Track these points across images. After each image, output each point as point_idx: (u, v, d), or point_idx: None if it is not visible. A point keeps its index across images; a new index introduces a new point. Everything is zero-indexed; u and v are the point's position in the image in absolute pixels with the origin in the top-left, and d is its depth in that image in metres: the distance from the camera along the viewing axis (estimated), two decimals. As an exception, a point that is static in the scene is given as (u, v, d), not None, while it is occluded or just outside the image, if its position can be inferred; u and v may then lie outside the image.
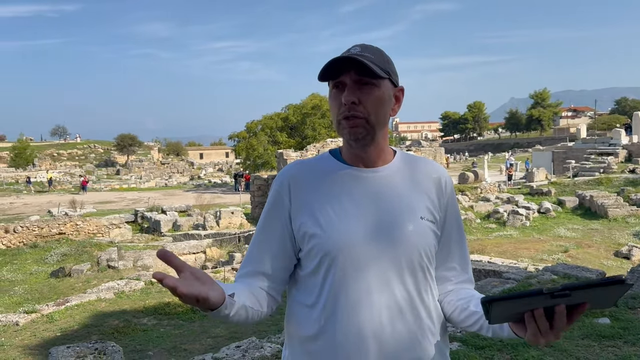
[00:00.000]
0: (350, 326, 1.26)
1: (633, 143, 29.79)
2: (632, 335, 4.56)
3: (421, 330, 1.31)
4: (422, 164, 1.42)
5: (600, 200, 18.71)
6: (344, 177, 1.34)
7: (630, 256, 13.75)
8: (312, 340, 1.31)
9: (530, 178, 25.72)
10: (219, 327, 7.25)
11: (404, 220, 1.30)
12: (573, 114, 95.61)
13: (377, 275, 1.27)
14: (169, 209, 20.81)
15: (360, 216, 1.29)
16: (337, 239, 1.27)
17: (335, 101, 1.31)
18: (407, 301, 1.29)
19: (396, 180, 1.35)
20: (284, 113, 34.64)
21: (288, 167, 1.41)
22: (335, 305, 1.27)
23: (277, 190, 1.37)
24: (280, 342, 4.67)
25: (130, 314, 7.84)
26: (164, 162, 63.73)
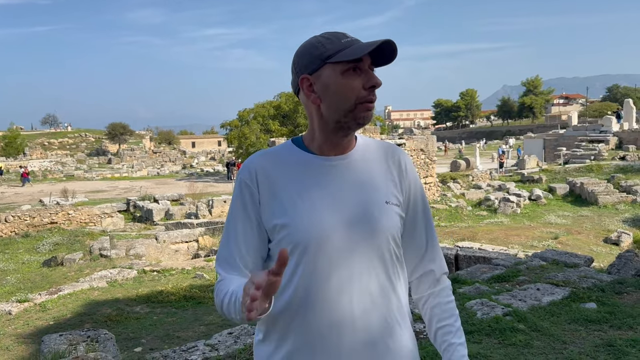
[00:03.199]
0: (323, 316, 1.27)
1: (624, 130, 29.99)
2: (618, 319, 4.64)
3: (393, 316, 1.33)
4: (383, 148, 1.43)
5: (590, 187, 18.88)
6: (312, 166, 1.34)
7: (620, 242, 13.93)
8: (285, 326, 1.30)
9: (522, 165, 25.87)
10: (211, 315, 7.30)
11: (372, 207, 1.32)
12: (565, 102, 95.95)
13: (350, 265, 1.28)
14: (161, 197, 20.77)
15: (329, 205, 1.30)
16: (308, 229, 1.27)
17: (354, 82, 1.28)
18: (379, 289, 1.31)
19: (362, 166, 1.36)
20: (276, 101, 34.50)
21: (253, 157, 1.39)
22: (308, 296, 1.28)
23: (244, 180, 1.35)
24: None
25: (123, 302, 7.87)
26: (156, 150, 63.46)
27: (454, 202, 18.45)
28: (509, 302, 5.05)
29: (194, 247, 12.99)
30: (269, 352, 1.34)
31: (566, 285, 5.55)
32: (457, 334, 1.39)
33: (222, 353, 4.14)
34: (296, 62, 1.35)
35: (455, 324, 1.40)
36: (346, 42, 1.29)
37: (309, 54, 1.31)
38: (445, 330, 1.39)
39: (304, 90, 1.34)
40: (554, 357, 3.91)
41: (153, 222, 17.71)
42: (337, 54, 1.27)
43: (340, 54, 1.27)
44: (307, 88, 1.33)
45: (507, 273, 6.31)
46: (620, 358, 3.86)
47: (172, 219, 18.12)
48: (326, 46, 1.29)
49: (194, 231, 13.48)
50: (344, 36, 1.31)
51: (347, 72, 1.28)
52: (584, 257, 7.04)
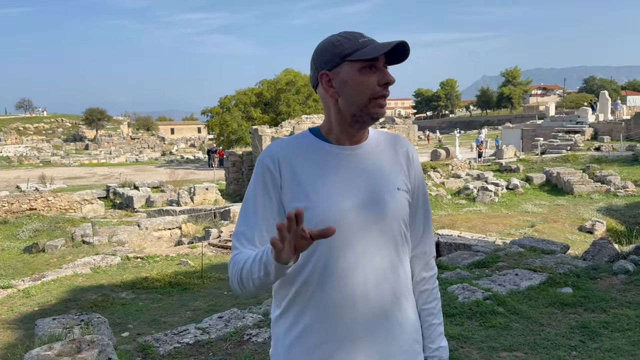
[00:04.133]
0: (340, 290, 1.39)
1: (599, 121, 30.63)
2: (592, 303, 4.87)
3: (401, 290, 1.47)
4: (393, 139, 1.56)
5: (566, 177, 19.30)
6: (330, 155, 1.45)
7: (594, 231, 14.32)
8: (304, 301, 1.41)
9: (500, 155, 26.26)
10: (197, 301, 7.38)
11: (385, 193, 1.45)
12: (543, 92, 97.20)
13: (364, 244, 1.41)
14: (142, 184, 20.63)
15: (346, 190, 1.42)
16: (327, 211, 1.38)
17: (370, 79, 1.39)
18: (390, 265, 1.44)
19: (375, 156, 1.49)
20: (258, 88, 34.34)
21: (275, 144, 1.50)
22: (325, 271, 1.39)
23: (267, 164, 1.44)
24: (262, 312, 4.83)
25: (108, 288, 7.90)
26: (134, 137, 62.69)
27: (434, 191, 18.70)
28: (489, 287, 5.24)
29: (177, 234, 13.00)
30: (288, 326, 1.45)
31: (543, 271, 5.77)
32: (437, 315, 1.59)
33: (214, 336, 4.24)
34: (316, 58, 1.45)
35: (436, 307, 1.59)
36: (363, 42, 1.40)
37: (328, 52, 1.42)
38: (428, 312, 1.57)
39: (323, 85, 1.44)
40: (531, 339, 4.11)
41: (134, 209, 17.61)
42: (355, 53, 1.39)
43: (358, 52, 1.38)
44: (326, 83, 1.44)
45: (487, 259, 6.52)
46: (594, 338, 4.08)
47: (153, 206, 18.04)
48: (344, 45, 1.40)
49: (176, 218, 13.49)
50: (361, 36, 1.42)
51: (364, 70, 1.39)
52: (560, 245, 7.28)
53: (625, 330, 4.20)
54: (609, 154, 23.33)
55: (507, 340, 4.07)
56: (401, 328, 1.47)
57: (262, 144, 19.57)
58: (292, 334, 1.44)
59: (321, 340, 1.41)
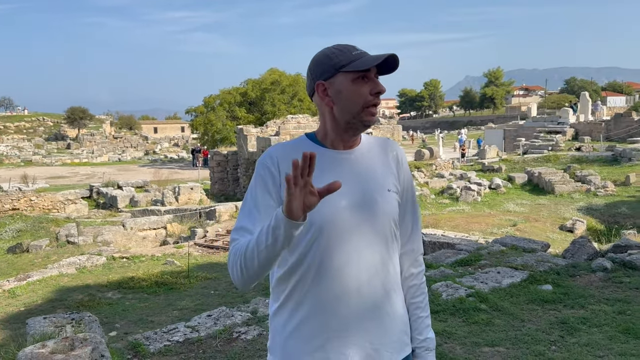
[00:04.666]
0: (334, 284, 1.49)
1: (580, 122, 31.17)
2: (571, 299, 5.02)
3: (391, 285, 1.58)
4: (383, 143, 1.67)
5: (547, 177, 19.63)
6: (325, 158, 1.55)
7: (574, 229, 14.61)
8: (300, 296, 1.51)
9: (483, 155, 26.60)
10: (184, 300, 7.41)
11: (377, 194, 1.55)
12: (525, 93, 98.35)
13: (357, 241, 1.51)
14: (125, 184, 20.53)
15: (342, 192, 1.48)
16: (323, 211, 1.47)
17: (363, 89, 1.51)
18: (381, 262, 1.55)
19: (367, 159, 1.59)
20: (243, 88, 34.26)
21: (274, 147, 1.60)
22: (321, 266, 1.49)
23: (267, 165, 1.54)
24: (250, 310, 4.90)
25: (94, 288, 7.89)
26: (117, 136, 62.12)
27: (418, 191, 18.89)
28: (471, 284, 5.38)
29: (162, 234, 12.99)
30: (285, 319, 1.55)
31: (524, 269, 5.92)
32: (424, 309, 1.69)
33: (203, 334, 4.31)
34: (312, 69, 1.56)
35: (424, 301, 1.70)
36: (356, 55, 1.51)
37: (324, 63, 1.53)
38: (416, 306, 1.68)
39: (319, 94, 1.55)
40: (513, 334, 4.24)
41: (118, 209, 17.53)
42: (349, 64, 1.50)
43: (352, 64, 1.50)
44: (321, 92, 1.54)
45: (470, 257, 6.67)
46: (572, 334, 4.22)
47: (137, 206, 17.97)
48: (339, 57, 1.51)
49: (161, 218, 13.47)
50: (354, 49, 1.54)
51: (357, 80, 1.51)
52: (541, 243, 7.46)
53: (603, 325, 4.36)
54: (590, 154, 23.76)
55: (489, 336, 4.20)
56: (391, 320, 1.57)
57: (247, 143, 19.58)
58: (290, 326, 1.53)
59: (317, 331, 1.50)
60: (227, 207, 14.51)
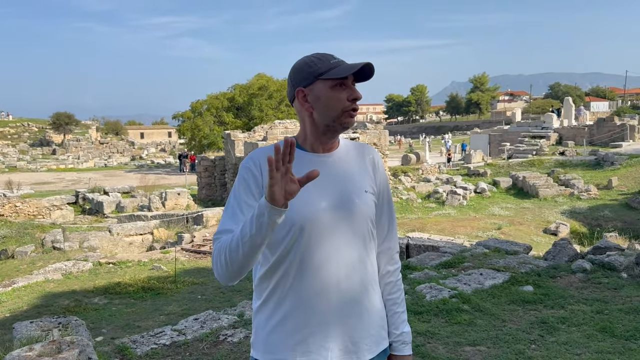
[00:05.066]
0: (315, 281, 1.57)
1: (563, 127, 31.58)
2: (551, 300, 5.14)
3: (369, 281, 1.66)
4: (360, 147, 1.77)
5: (532, 181, 19.88)
6: (306, 161, 1.63)
7: (558, 232, 14.83)
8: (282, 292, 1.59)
9: (468, 160, 26.86)
10: (171, 305, 7.43)
11: (355, 195, 1.63)
12: (510, 98, 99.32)
13: (336, 240, 1.59)
14: (112, 190, 20.44)
15: (321, 193, 1.60)
16: (303, 211, 1.56)
17: (341, 95, 1.59)
18: (359, 259, 1.63)
19: (345, 162, 1.68)
20: (230, 93, 34.25)
21: (257, 150, 1.68)
22: (302, 264, 1.57)
23: (250, 168, 1.62)
24: (237, 313, 4.95)
25: (80, 293, 7.88)
26: (103, 141, 61.68)
27: (405, 195, 19.04)
28: (455, 286, 5.48)
29: (149, 240, 12.96)
30: (268, 315, 1.62)
31: (506, 271, 6.03)
32: (401, 304, 1.78)
33: (190, 337, 4.35)
34: (292, 76, 1.65)
35: (400, 297, 1.78)
36: (334, 63, 1.60)
37: (304, 71, 1.61)
38: (393, 302, 1.76)
39: (299, 100, 1.64)
40: (494, 334, 4.34)
41: (104, 214, 17.44)
42: (328, 72, 1.59)
43: (330, 72, 1.58)
44: (301, 98, 1.63)
45: (454, 260, 6.77)
46: (552, 333, 4.33)
47: (123, 211, 17.89)
48: (318, 65, 1.59)
49: (148, 223, 13.44)
50: (332, 57, 1.63)
51: (335, 87, 1.59)
52: (523, 246, 7.59)
53: (581, 324, 4.47)
54: (573, 158, 24.10)
55: (471, 336, 4.29)
56: (369, 315, 1.65)
57: (234, 148, 19.60)
58: (272, 321, 1.61)
59: (299, 326, 1.58)
60: (214, 212, 14.52)
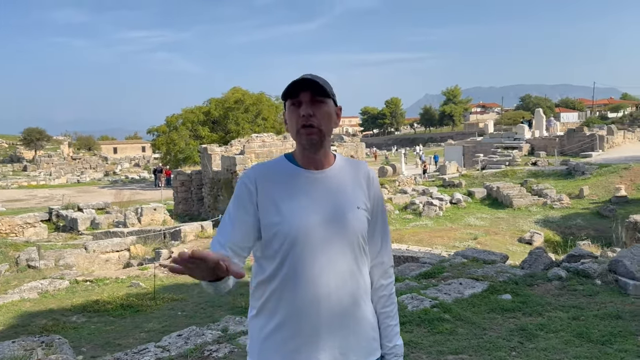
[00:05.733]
0: (307, 292, 1.63)
1: (535, 138, 32.27)
2: (529, 307, 5.27)
3: (359, 294, 1.72)
4: (355, 165, 1.84)
5: (505, 191, 20.24)
6: (300, 177, 1.70)
7: (532, 242, 15.11)
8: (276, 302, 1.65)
9: (443, 171, 27.21)
10: (151, 322, 7.35)
11: (347, 210, 1.70)
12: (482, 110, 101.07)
13: (328, 253, 1.65)
14: (86, 206, 20.15)
15: (314, 208, 1.66)
16: (297, 226, 1.63)
17: (294, 114, 1.67)
18: (350, 272, 1.69)
19: (339, 179, 1.74)
20: (206, 107, 34.12)
21: (253, 167, 1.76)
22: (295, 277, 1.63)
23: (246, 183, 1.69)
24: (221, 328, 4.95)
25: (58, 312, 7.74)
26: (75, 157, 60.68)
27: (382, 207, 19.19)
28: (435, 296, 5.57)
29: (126, 256, 12.79)
30: (262, 323, 1.69)
31: (485, 280, 6.16)
32: (394, 317, 1.84)
33: (174, 353, 4.33)
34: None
35: (393, 310, 1.84)
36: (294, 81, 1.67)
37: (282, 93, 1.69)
38: (386, 315, 1.82)
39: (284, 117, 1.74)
40: (475, 342, 4.43)
41: (79, 231, 17.16)
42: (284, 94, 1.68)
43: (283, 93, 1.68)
44: (284, 115, 1.73)
45: (433, 270, 6.87)
46: (531, 339, 4.44)
47: (98, 228, 17.64)
48: (287, 87, 1.67)
49: (124, 240, 13.27)
50: (301, 77, 1.69)
51: (291, 107, 1.69)
52: (500, 255, 7.75)
53: (559, 331, 4.59)
54: (545, 168, 24.62)
55: (453, 344, 4.37)
56: (359, 327, 1.71)
57: (211, 162, 19.53)
58: (266, 330, 1.67)
59: (291, 335, 1.64)
60: (193, 227, 14.42)
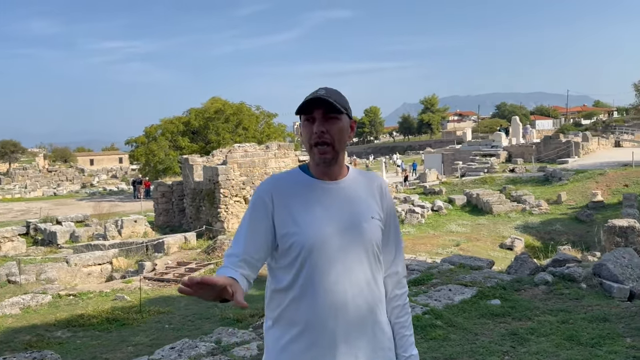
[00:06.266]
0: (324, 301, 1.65)
1: (512, 145, 32.79)
2: (518, 312, 5.35)
3: (375, 302, 1.74)
4: (368, 176, 1.87)
5: (485, 198, 20.49)
6: (315, 188, 1.74)
7: (513, 247, 15.32)
8: (293, 312, 1.67)
9: (423, 178, 27.46)
10: (138, 336, 7.26)
11: (361, 220, 1.73)
12: (459, 118, 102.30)
13: (343, 263, 1.68)
14: (65, 219, 19.82)
15: (329, 218, 1.70)
16: (313, 236, 1.66)
17: (308, 130, 1.71)
18: (366, 281, 1.72)
19: (353, 190, 1.78)
20: (186, 117, 33.89)
21: (270, 179, 1.79)
22: (312, 287, 1.66)
23: (262, 196, 1.73)
24: (214, 340, 4.91)
25: (41, 328, 7.59)
26: (51, 169, 59.68)
27: (365, 215, 19.27)
28: (426, 302, 5.62)
29: (108, 269, 12.60)
30: (279, 334, 1.70)
31: (473, 285, 6.23)
32: (409, 327, 1.87)
33: (168, 366, 4.29)
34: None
35: (408, 320, 1.87)
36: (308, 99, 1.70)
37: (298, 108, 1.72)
38: (401, 325, 1.84)
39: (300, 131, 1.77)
40: (468, 347, 4.48)
41: (58, 245, 16.87)
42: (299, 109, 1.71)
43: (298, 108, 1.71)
44: (300, 131, 1.76)
45: (422, 277, 6.93)
46: (523, 344, 4.51)
47: (78, 241, 17.37)
48: (302, 103, 1.70)
49: (106, 253, 13.08)
50: (314, 93, 1.72)
51: (305, 122, 1.72)
52: (486, 261, 7.85)
53: (549, 334, 4.67)
54: (523, 175, 25.00)
55: (447, 350, 4.41)
56: (375, 336, 1.73)
57: (193, 173, 19.39)
58: (283, 341, 1.69)
59: (308, 345, 1.66)
60: (176, 238, 14.29)
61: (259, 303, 8.63)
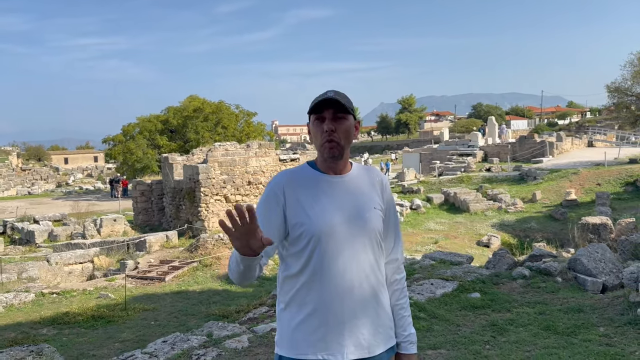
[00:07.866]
0: (333, 284, 1.82)
1: (488, 145, 33.38)
2: (498, 304, 5.59)
3: (378, 285, 1.92)
4: (369, 171, 2.05)
5: (462, 197, 20.89)
6: (323, 182, 1.91)
7: (490, 244, 15.69)
8: (303, 296, 1.84)
9: (402, 177, 27.80)
10: (124, 332, 7.32)
11: (365, 211, 1.91)
12: (436, 118, 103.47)
13: (351, 249, 1.85)
14: (42, 218, 19.59)
15: (336, 209, 1.87)
16: (321, 225, 1.83)
17: (318, 128, 1.89)
18: (370, 266, 1.89)
19: (357, 183, 1.96)
20: (164, 115, 33.64)
21: (282, 173, 1.96)
22: (321, 271, 1.83)
23: (274, 189, 1.90)
24: (206, 333, 5.03)
25: (26, 325, 7.59)
26: (25, 168, 58.54)
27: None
28: (410, 296, 5.79)
29: (89, 268, 12.54)
30: (291, 315, 1.88)
31: (454, 280, 6.46)
32: (407, 309, 2.04)
33: (162, 359, 4.40)
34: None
35: (406, 302, 2.04)
36: (315, 99, 1.89)
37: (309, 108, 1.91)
38: (400, 306, 2.02)
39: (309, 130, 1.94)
40: (451, 337, 4.69)
41: (36, 244, 16.68)
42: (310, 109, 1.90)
43: (310, 108, 1.90)
44: (309, 129, 1.94)
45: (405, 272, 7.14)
46: (502, 334, 4.74)
47: (56, 240, 17.20)
48: (312, 102, 1.89)
49: (88, 252, 13.01)
50: (324, 93, 1.91)
51: (315, 122, 1.91)
52: (466, 256, 8.10)
53: (527, 325, 4.91)
54: (499, 174, 25.52)
55: (431, 340, 4.62)
56: (377, 316, 1.91)
57: (173, 172, 19.34)
58: (295, 321, 1.86)
59: (318, 324, 1.84)
60: (158, 237, 14.27)
61: (243, 300, 8.74)
